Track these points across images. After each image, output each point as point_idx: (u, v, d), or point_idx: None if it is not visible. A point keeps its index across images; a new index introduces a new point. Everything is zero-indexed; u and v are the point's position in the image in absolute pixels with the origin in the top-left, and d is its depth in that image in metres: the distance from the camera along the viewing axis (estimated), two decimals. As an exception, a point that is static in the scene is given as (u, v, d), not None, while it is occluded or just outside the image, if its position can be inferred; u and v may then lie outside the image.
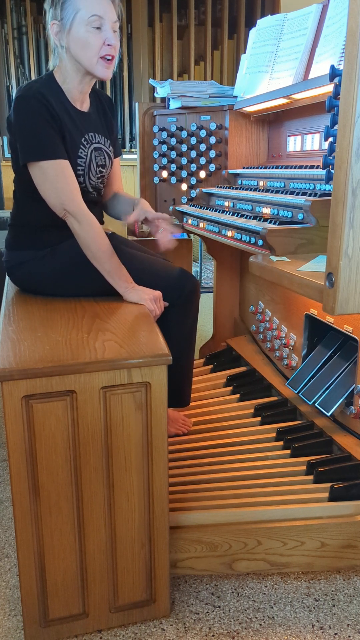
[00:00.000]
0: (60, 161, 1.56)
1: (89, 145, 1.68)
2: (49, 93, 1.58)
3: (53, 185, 1.56)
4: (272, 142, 2.54)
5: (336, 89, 1.48)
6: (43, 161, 1.54)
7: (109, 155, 1.77)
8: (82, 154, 1.66)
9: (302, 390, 1.89)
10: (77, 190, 1.58)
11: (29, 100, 1.53)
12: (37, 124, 1.53)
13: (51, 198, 1.57)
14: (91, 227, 1.57)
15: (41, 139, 1.54)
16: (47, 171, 1.55)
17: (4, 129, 5.40)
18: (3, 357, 1.20)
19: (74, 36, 1.55)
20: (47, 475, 1.22)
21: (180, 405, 1.87)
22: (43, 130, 1.54)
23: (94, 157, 1.70)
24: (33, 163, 1.55)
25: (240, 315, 2.76)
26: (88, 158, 1.68)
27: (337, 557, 1.53)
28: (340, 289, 1.19)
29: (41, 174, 1.56)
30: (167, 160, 2.76)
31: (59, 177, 1.55)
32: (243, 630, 1.35)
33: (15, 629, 1.37)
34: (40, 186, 1.58)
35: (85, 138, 1.68)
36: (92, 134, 1.71)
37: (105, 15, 1.54)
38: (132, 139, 5.74)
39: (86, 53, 1.56)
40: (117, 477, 1.27)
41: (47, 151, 1.54)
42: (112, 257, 1.59)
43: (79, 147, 1.65)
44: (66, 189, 1.56)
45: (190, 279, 1.73)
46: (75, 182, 1.59)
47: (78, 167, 1.65)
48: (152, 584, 1.36)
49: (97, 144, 1.72)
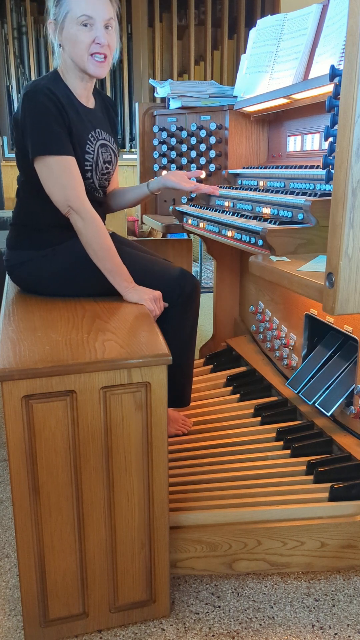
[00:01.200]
0: (67, 157, 1.56)
1: (95, 142, 1.69)
2: (57, 89, 1.59)
3: (58, 181, 1.56)
4: (272, 142, 2.53)
5: (336, 89, 1.48)
6: (49, 156, 1.54)
7: (114, 152, 1.78)
8: (89, 150, 1.66)
9: (302, 390, 1.89)
10: (81, 187, 1.58)
11: (37, 96, 1.54)
12: (44, 120, 1.54)
13: (55, 194, 1.57)
14: (94, 225, 1.57)
15: (48, 135, 1.54)
16: (53, 167, 1.55)
17: (4, 129, 5.39)
18: (3, 357, 1.20)
19: (66, 35, 1.57)
20: (47, 475, 1.22)
21: (180, 405, 1.87)
22: (50, 126, 1.54)
23: (101, 153, 1.71)
24: (39, 158, 1.56)
25: (240, 315, 2.76)
26: (95, 154, 1.69)
27: (337, 557, 1.53)
28: (340, 289, 1.19)
29: (47, 169, 1.56)
30: (167, 160, 2.76)
31: (64, 173, 1.55)
32: (243, 630, 1.35)
33: (15, 629, 1.37)
34: (45, 182, 1.58)
35: (92, 134, 1.68)
36: (99, 130, 1.72)
37: (95, 14, 1.54)
38: (132, 139, 5.74)
39: (77, 51, 1.57)
40: (117, 477, 1.27)
41: (53, 147, 1.54)
42: (113, 256, 1.59)
43: (86, 143, 1.66)
44: (71, 186, 1.56)
45: (190, 279, 1.72)
46: (81, 179, 1.59)
47: (86, 162, 1.66)
48: (152, 584, 1.36)
49: (103, 140, 1.73)
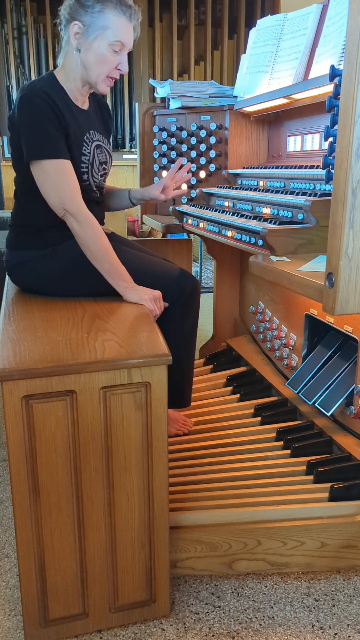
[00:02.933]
0: (62, 161, 1.56)
1: (91, 143, 1.70)
2: (53, 92, 1.59)
3: (54, 185, 1.56)
4: (272, 142, 2.53)
5: (336, 89, 1.48)
6: (45, 160, 1.55)
7: (109, 153, 1.79)
8: (85, 152, 1.67)
9: (302, 390, 1.89)
10: (77, 191, 1.59)
11: (33, 99, 1.54)
12: (40, 123, 1.54)
13: (51, 197, 1.58)
14: (91, 228, 1.58)
15: (44, 138, 1.54)
16: (49, 170, 1.55)
17: (4, 129, 5.39)
18: (3, 357, 1.20)
19: (94, 48, 1.58)
20: (47, 475, 1.22)
21: (180, 405, 1.87)
22: (46, 129, 1.54)
23: (96, 155, 1.72)
24: (35, 162, 1.56)
25: (240, 315, 2.76)
26: (91, 155, 1.69)
27: (337, 557, 1.53)
28: (340, 289, 1.19)
29: (42, 173, 1.56)
30: (167, 160, 2.76)
31: (60, 177, 1.56)
32: (243, 630, 1.35)
33: (15, 629, 1.37)
34: (42, 185, 1.58)
35: (87, 136, 1.69)
36: (93, 131, 1.73)
37: (127, 42, 1.60)
38: (132, 139, 5.74)
39: (98, 69, 1.60)
40: (117, 477, 1.27)
41: (50, 150, 1.54)
42: (111, 257, 1.59)
43: (82, 145, 1.66)
44: (67, 189, 1.56)
45: (190, 279, 1.73)
46: (76, 182, 1.60)
47: (82, 164, 1.66)
48: (152, 584, 1.36)
49: (97, 142, 1.74)
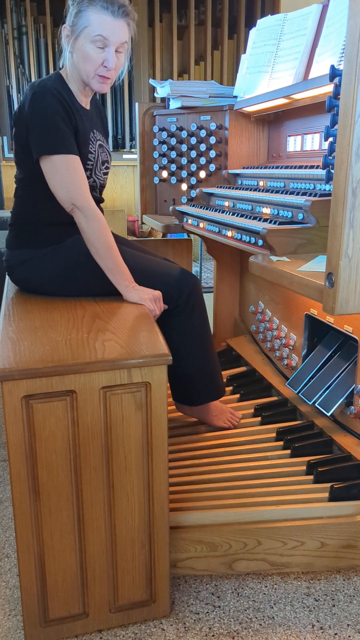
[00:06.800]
0: (72, 156, 1.59)
1: (95, 142, 1.73)
2: (63, 90, 1.62)
3: (63, 179, 1.58)
4: (272, 142, 2.54)
5: (336, 89, 1.48)
6: (55, 155, 1.57)
7: (109, 152, 1.82)
8: (92, 150, 1.71)
9: (302, 390, 1.89)
10: (86, 186, 1.61)
11: (45, 96, 1.57)
12: (52, 119, 1.57)
13: (60, 192, 1.59)
14: (97, 222, 1.59)
15: (55, 134, 1.57)
16: (59, 165, 1.57)
17: (4, 129, 5.39)
18: (3, 357, 1.20)
19: (79, 47, 1.59)
20: (47, 475, 1.22)
21: (219, 395, 1.87)
22: (58, 125, 1.57)
23: (100, 153, 1.75)
24: (45, 157, 1.58)
25: (240, 315, 2.76)
26: (96, 153, 1.73)
27: (337, 557, 1.53)
28: (340, 289, 1.19)
29: (52, 167, 1.58)
30: (167, 160, 2.76)
31: (69, 172, 1.58)
32: (243, 630, 1.35)
33: (15, 629, 1.37)
34: (50, 180, 1.60)
35: (92, 135, 1.72)
36: (95, 131, 1.76)
37: (110, 36, 1.56)
38: (132, 139, 5.74)
39: (84, 67, 1.61)
40: (117, 477, 1.27)
41: (60, 146, 1.57)
42: (115, 255, 1.60)
43: (89, 143, 1.69)
44: (76, 183, 1.58)
45: (190, 277, 1.73)
46: (85, 178, 1.62)
47: (88, 162, 1.69)
48: (152, 584, 1.36)
49: (100, 141, 1.77)
